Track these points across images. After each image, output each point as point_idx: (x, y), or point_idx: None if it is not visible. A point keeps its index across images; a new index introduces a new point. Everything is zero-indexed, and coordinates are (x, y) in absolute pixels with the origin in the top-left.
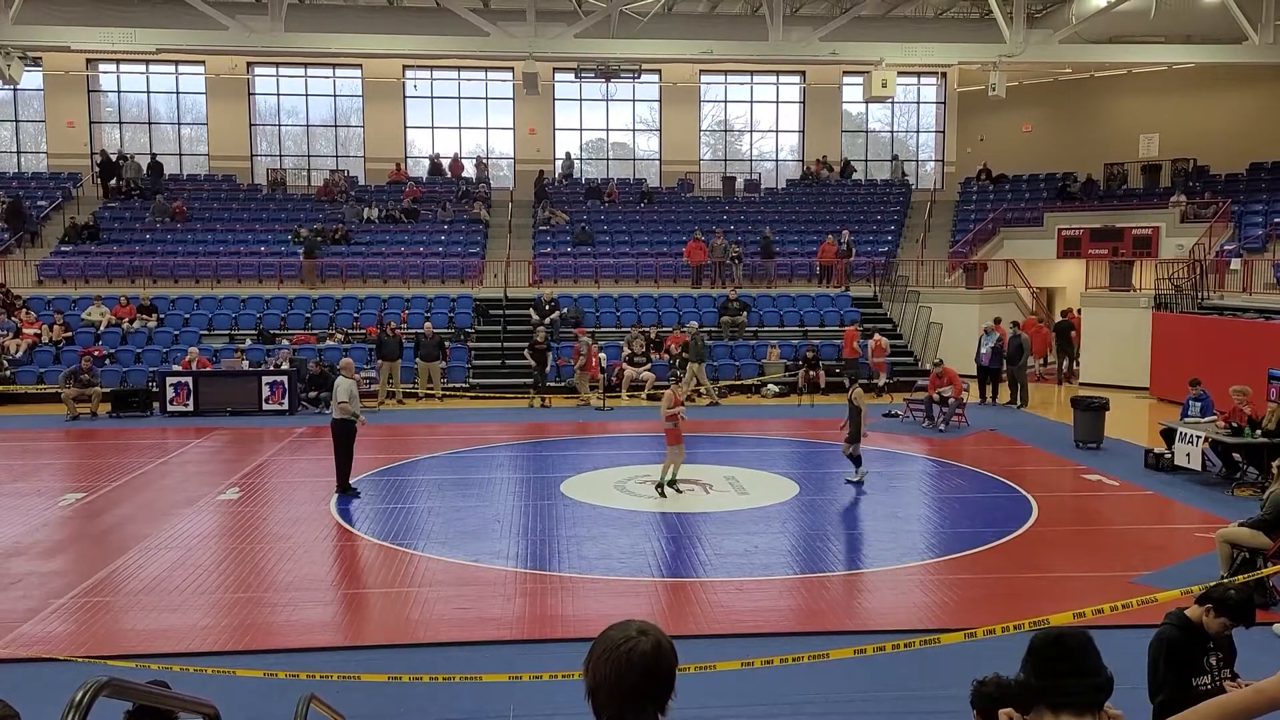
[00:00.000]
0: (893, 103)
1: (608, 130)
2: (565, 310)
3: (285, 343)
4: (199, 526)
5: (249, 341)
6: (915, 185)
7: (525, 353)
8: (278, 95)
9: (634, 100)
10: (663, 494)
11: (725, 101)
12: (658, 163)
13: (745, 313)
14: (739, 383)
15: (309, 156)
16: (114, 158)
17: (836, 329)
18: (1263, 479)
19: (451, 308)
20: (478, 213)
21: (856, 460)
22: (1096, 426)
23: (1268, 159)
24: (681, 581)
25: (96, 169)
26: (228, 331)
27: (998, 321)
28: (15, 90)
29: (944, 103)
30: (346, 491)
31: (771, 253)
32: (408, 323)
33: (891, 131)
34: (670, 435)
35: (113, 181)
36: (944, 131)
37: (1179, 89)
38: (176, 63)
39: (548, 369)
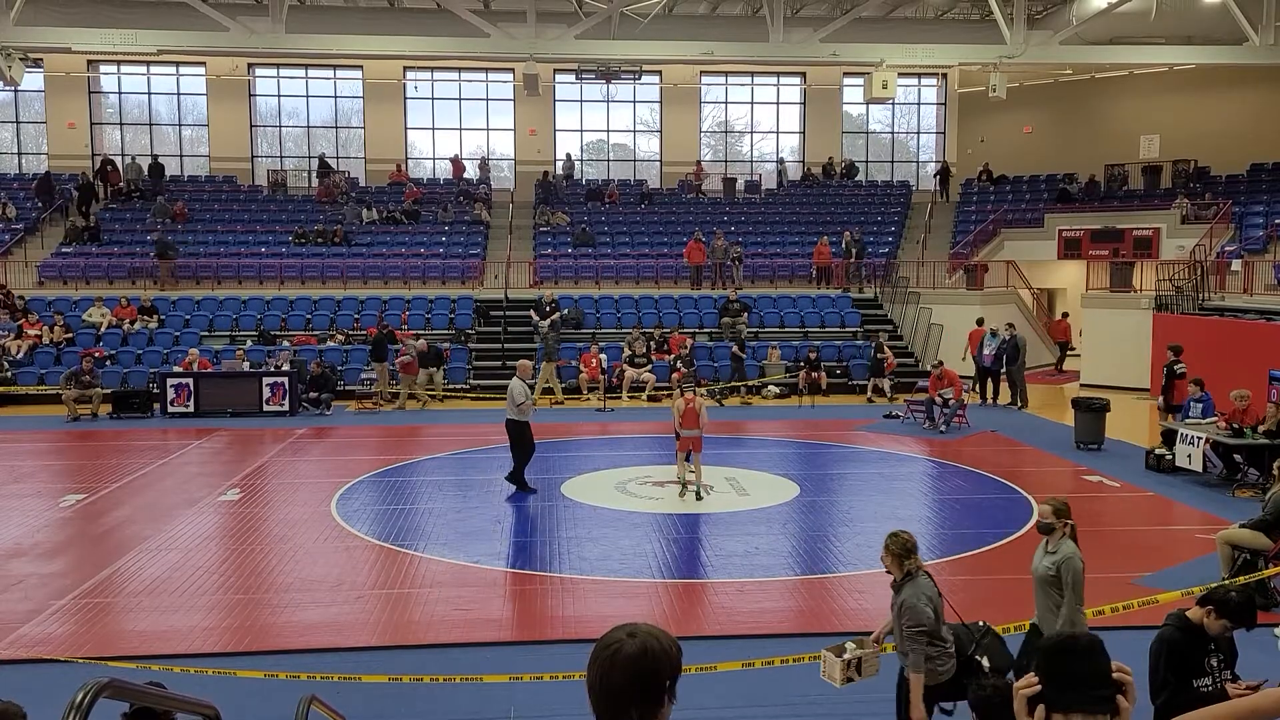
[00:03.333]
0: (893, 104)
1: (608, 131)
2: (566, 311)
3: (286, 344)
4: (200, 528)
5: (250, 343)
6: (916, 187)
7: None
8: (278, 96)
9: (634, 101)
10: (700, 497)
11: (726, 103)
12: (658, 164)
13: (745, 314)
14: (739, 383)
15: (309, 158)
16: (94, 179)
17: (837, 329)
18: (1264, 480)
19: (452, 309)
20: (478, 214)
21: None
22: (1097, 427)
23: (1268, 160)
24: (682, 583)
25: (75, 193)
26: (228, 333)
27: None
28: (16, 91)
29: (944, 104)
30: (523, 488)
31: (856, 255)
32: (408, 324)
33: (892, 132)
34: (697, 443)
35: (92, 204)
36: (944, 133)
37: (1179, 90)
38: (177, 64)
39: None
